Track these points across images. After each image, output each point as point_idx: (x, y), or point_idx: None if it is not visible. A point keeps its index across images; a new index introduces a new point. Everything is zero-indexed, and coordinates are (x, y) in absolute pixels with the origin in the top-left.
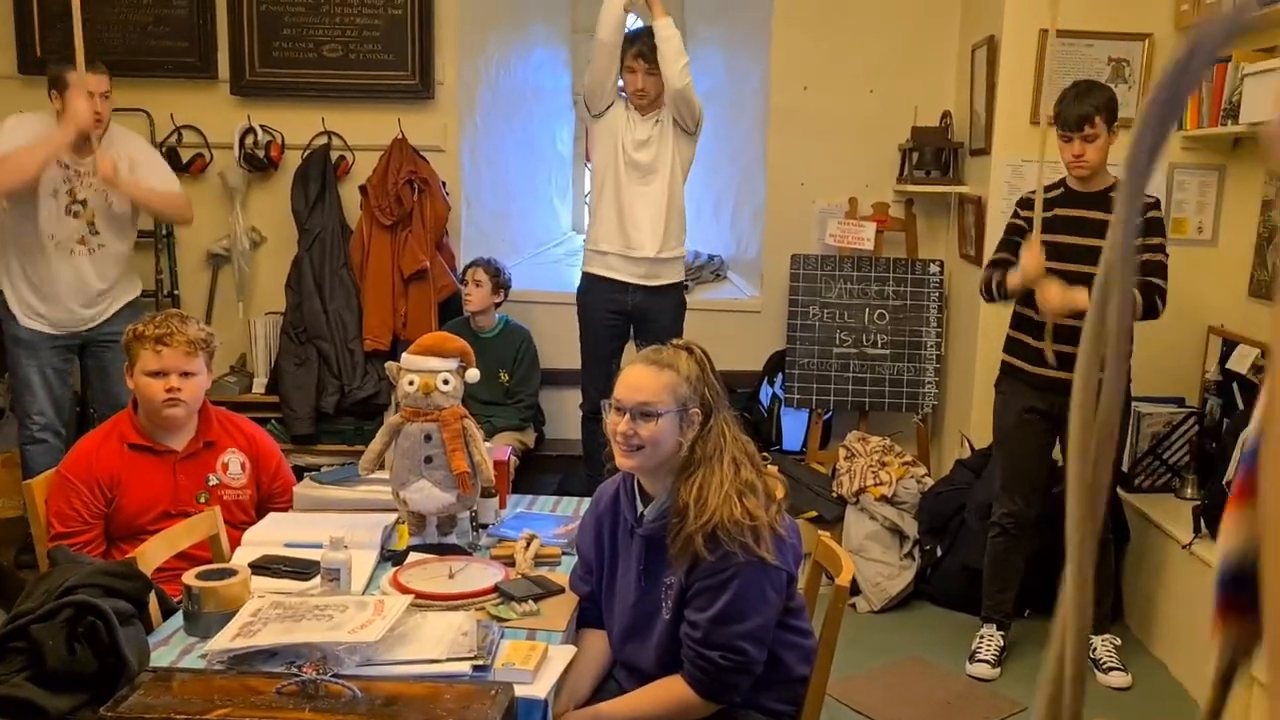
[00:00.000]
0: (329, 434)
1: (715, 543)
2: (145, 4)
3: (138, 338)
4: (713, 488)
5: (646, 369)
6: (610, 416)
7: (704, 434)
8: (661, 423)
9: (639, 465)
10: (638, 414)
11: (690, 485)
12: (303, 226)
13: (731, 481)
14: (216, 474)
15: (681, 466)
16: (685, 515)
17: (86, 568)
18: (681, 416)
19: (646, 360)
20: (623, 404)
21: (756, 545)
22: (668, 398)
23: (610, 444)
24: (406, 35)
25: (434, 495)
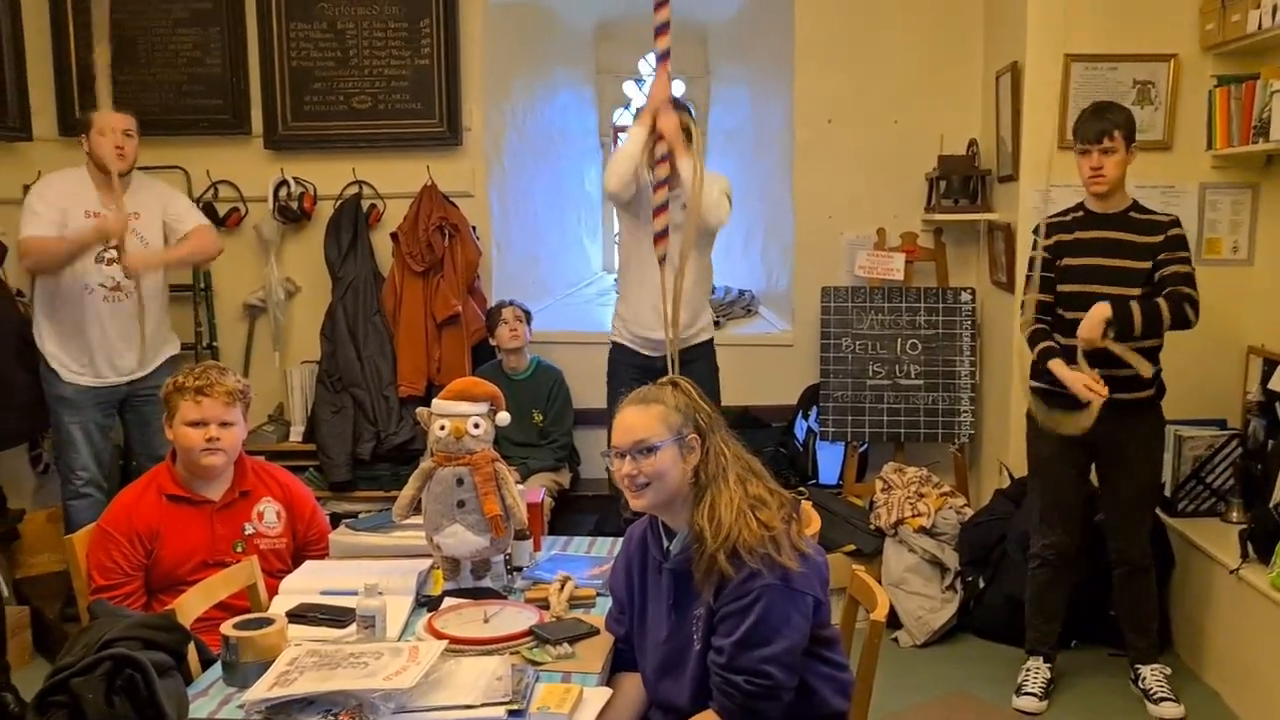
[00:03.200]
0: (366, 480)
1: (737, 560)
2: (180, 64)
3: (178, 389)
4: (724, 505)
5: (634, 409)
6: (613, 464)
7: (705, 457)
8: (661, 455)
9: (651, 502)
10: (636, 453)
11: (702, 509)
12: (336, 275)
13: (741, 497)
14: (252, 523)
15: (693, 494)
16: (704, 537)
17: (125, 620)
18: (680, 444)
19: (633, 402)
20: (620, 448)
21: (778, 555)
22: (661, 429)
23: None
24: (433, 84)
25: (467, 539)
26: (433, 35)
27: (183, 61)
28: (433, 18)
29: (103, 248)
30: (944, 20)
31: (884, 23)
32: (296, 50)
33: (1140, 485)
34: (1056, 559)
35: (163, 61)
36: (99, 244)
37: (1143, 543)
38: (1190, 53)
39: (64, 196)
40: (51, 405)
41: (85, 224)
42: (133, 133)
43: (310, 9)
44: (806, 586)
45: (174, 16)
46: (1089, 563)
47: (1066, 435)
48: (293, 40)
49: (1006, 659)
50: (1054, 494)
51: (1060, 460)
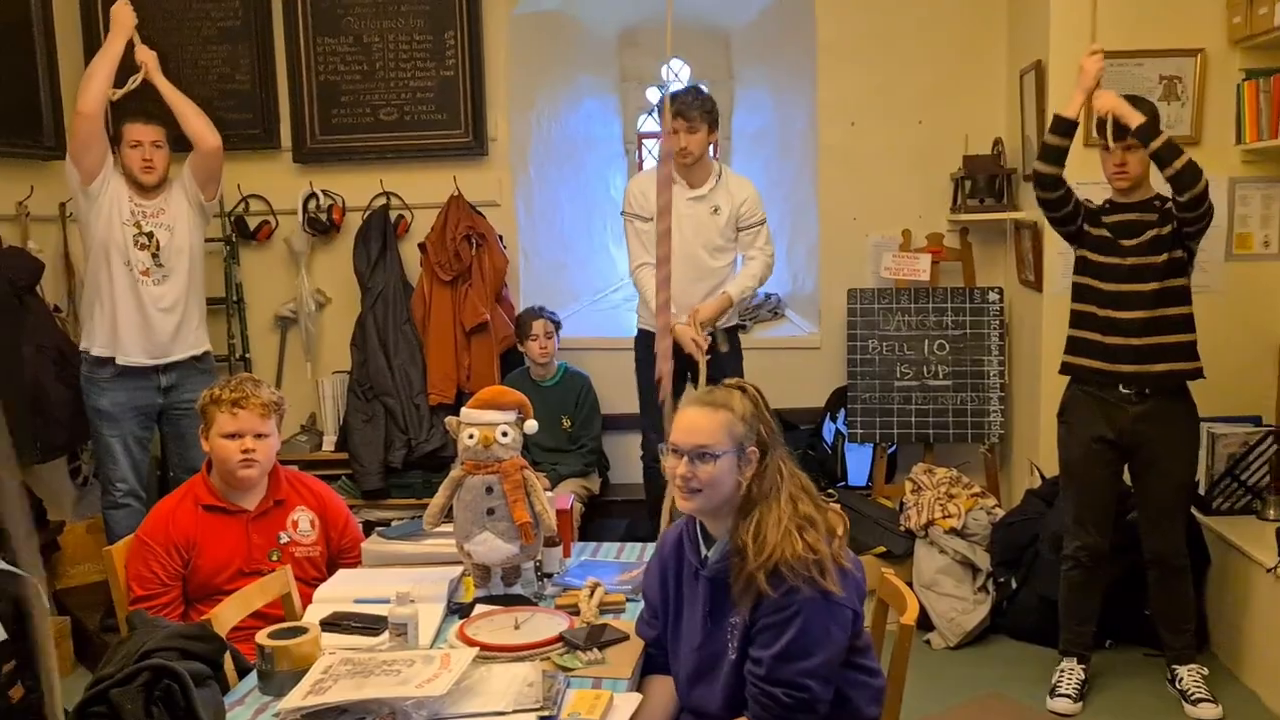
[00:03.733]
0: (398, 488)
1: (778, 579)
2: (210, 80)
3: (214, 401)
4: (771, 524)
5: (701, 410)
6: (668, 460)
7: (761, 471)
8: (720, 464)
9: (698, 507)
10: (695, 456)
11: (750, 524)
12: (365, 286)
13: (791, 517)
14: (287, 532)
15: (740, 506)
16: (746, 554)
17: (163, 631)
18: (739, 456)
19: (700, 402)
20: (679, 447)
21: (821, 579)
22: (724, 438)
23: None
24: (459, 95)
25: (497, 547)
26: (457, 46)
27: (213, 78)
28: (457, 29)
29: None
30: (967, 19)
31: (906, 23)
32: (324, 64)
33: (1174, 484)
34: (1090, 559)
35: (193, 78)
36: (122, 39)
37: (1178, 542)
38: (1217, 47)
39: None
40: (91, 418)
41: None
42: (162, 144)
43: (337, 24)
44: (846, 600)
45: (204, 34)
46: (1123, 561)
47: (1098, 435)
48: (320, 55)
49: (1040, 660)
50: (1086, 494)
51: (1092, 460)
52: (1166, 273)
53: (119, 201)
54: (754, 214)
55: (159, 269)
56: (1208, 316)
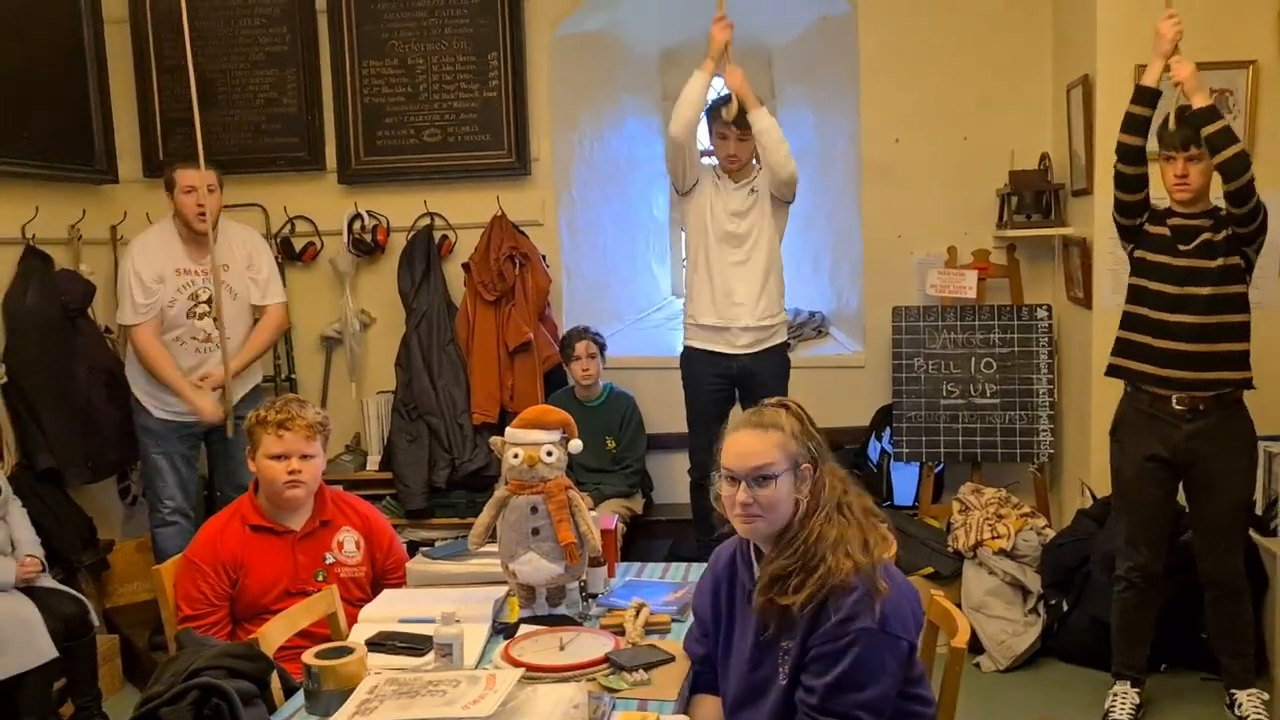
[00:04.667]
0: (442, 508)
1: (833, 601)
2: (258, 104)
3: (260, 423)
4: (819, 539)
5: (752, 433)
6: (724, 488)
7: (816, 487)
8: (779, 484)
9: (762, 533)
10: (754, 480)
11: (801, 541)
12: (410, 306)
13: (844, 528)
14: (333, 552)
15: (798, 523)
16: (800, 575)
17: (211, 650)
18: (795, 473)
19: (749, 424)
20: (736, 473)
21: (874, 601)
22: (780, 457)
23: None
24: (502, 116)
25: (542, 567)
26: (500, 68)
27: (260, 102)
28: (500, 51)
29: (194, 304)
30: (1011, 35)
31: (950, 39)
32: (369, 87)
33: (1230, 504)
34: (1143, 581)
35: (242, 103)
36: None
37: (1235, 564)
38: (1269, 58)
39: (156, 263)
40: (139, 437)
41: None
42: (214, 188)
43: (382, 47)
44: (902, 631)
45: (251, 59)
46: (1178, 582)
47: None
48: (365, 78)
49: (1093, 684)
50: (1139, 514)
51: (1145, 479)
52: (1221, 278)
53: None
54: None
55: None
56: (1264, 332)
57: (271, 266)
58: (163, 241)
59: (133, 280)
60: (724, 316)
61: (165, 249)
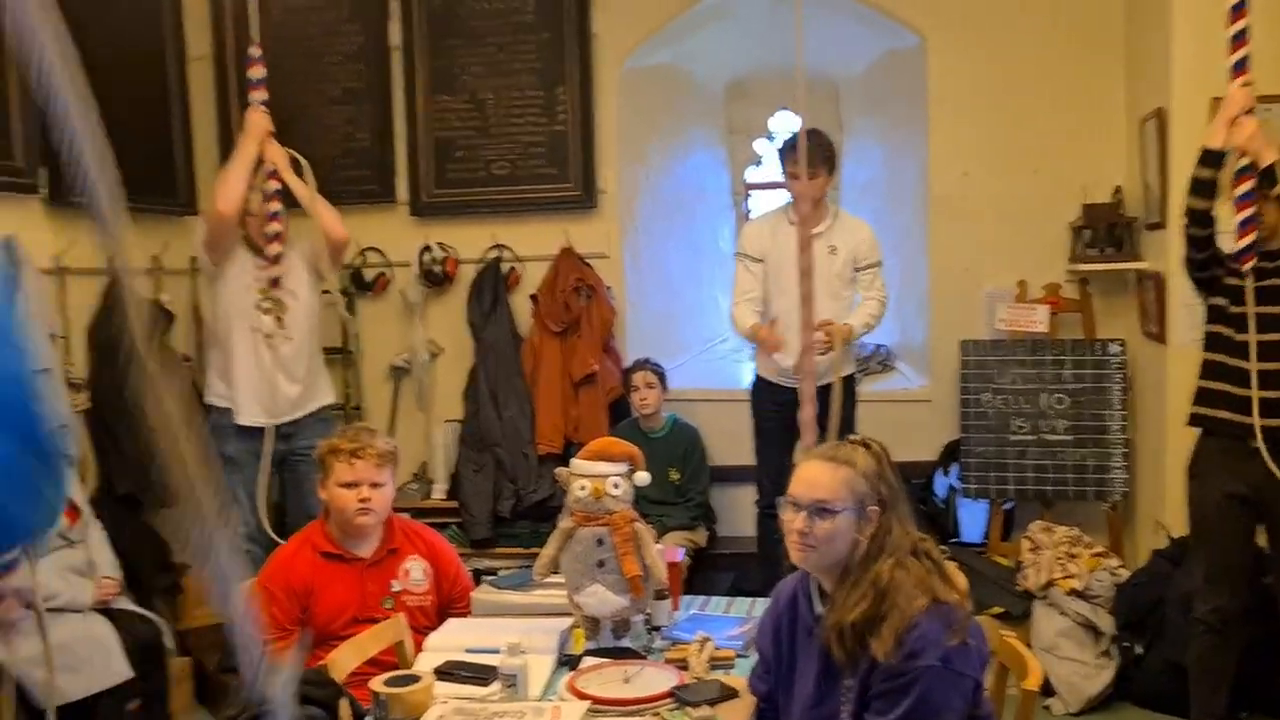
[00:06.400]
0: (506, 537)
1: (897, 643)
2: (333, 139)
3: (332, 451)
4: (890, 584)
5: (823, 465)
6: (785, 513)
7: (881, 531)
8: (838, 521)
9: (814, 565)
10: (814, 511)
11: (865, 585)
12: (478, 337)
13: (908, 578)
14: (400, 581)
15: (859, 564)
16: (862, 614)
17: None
18: (859, 514)
19: (823, 456)
20: (799, 500)
21: (939, 645)
22: (845, 494)
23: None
24: (569, 149)
25: (608, 599)
26: (568, 102)
27: (335, 137)
28: (568, 85)
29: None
30: (1083, 67)
31: (1021, 71)
32: (439, 121)
33: None
34: (1222, 623)
35: (317, 137)
36: (254, 144)
37: None
38: None
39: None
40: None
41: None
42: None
43: (453, 82)
44: (967, 668)
45: (328, 95)
46: (1259, 625)
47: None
48: (436, 112)
49: None
50: (1218, 553)
51: (1224, 519)
52: None
53: (243, 271)
54: (871, 255)
55: (281, 331)
56: None
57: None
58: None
59: None
60: (792, 349)
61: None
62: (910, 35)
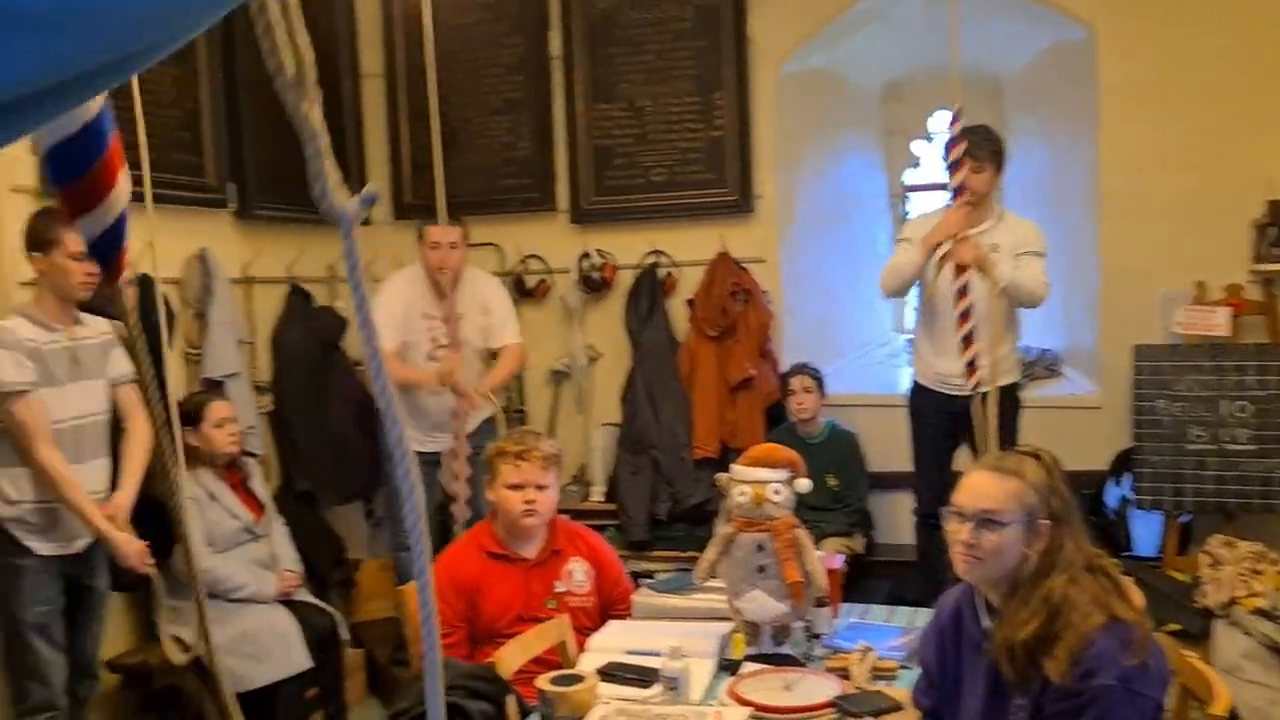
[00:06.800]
0: (663, 540)
1: (1072, 662)
2: (494, 149)
3: (500, 454)
4: (1063, 602)
5: (990, 476)
6: (950, 524)
7: (1052, 545)
8: (1006, 533)
9: (979, 577)
10: (980, 522)
11: (1035, 600)
12: (635, 341)
13: (1082, 595)
14: (563, 581)
15: (1028, 579)
16: (1034, 632)
17: (453, 670)
18: (1028, 527)
19: (990, 467)
20: (964, 511)
21: (1116, 664)
22: (1014, 506)
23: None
24: (726, 154)
25: (768, 605)
26: (726, 107)
27: (497, 147)
28: (725, 91)
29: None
30: (1265, 56)
31: (1198, 60)
32: (598, 130)
33: None
34: None
35: (480, 148)
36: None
37: None
38: None
39: (401, 303)
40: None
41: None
42: (458, 244)
43: (612, 90)
44: (1147, 689)
45: (490, 106)
46: None
47: None
48: (595, 121)
49: None
50: None
51: None
52: None
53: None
54: (1033, 243)
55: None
56: None
57: (508, 309)
58: (412, 285)
59: (381, 313)
60: (949, 364)
61: (414, 293)
62: (1077, 27)
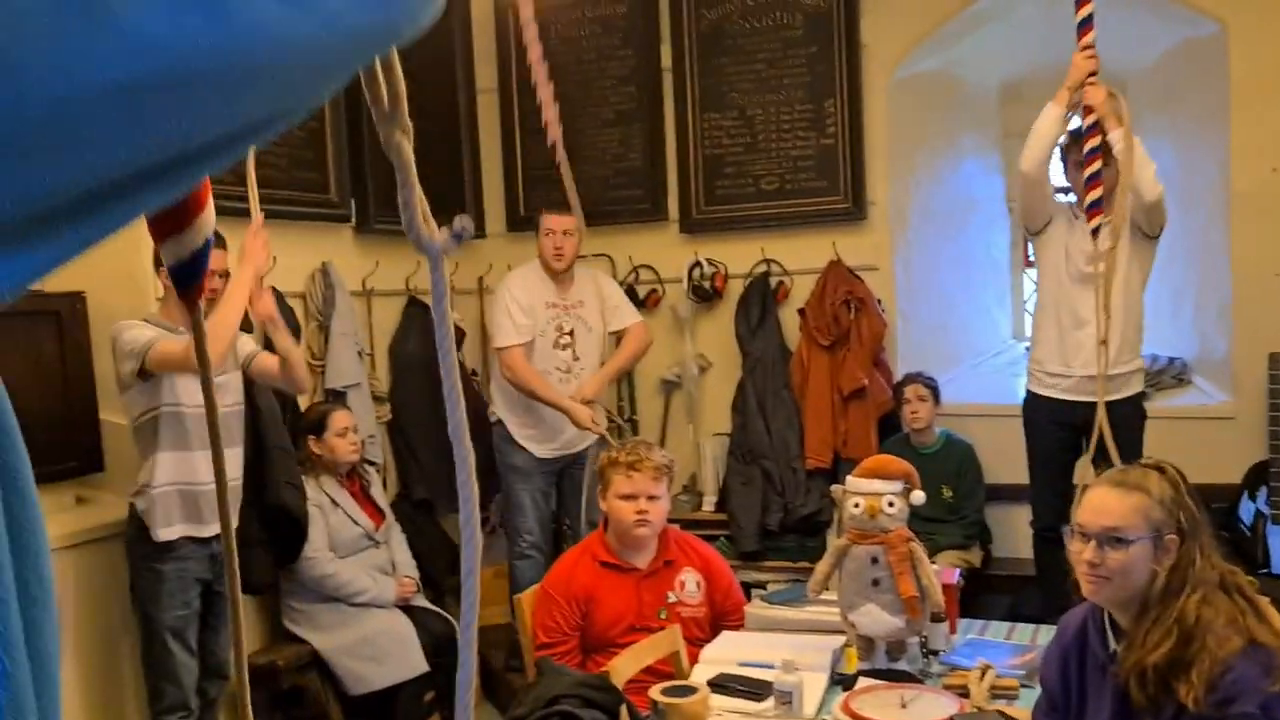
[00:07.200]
0: (774, 551)
1: (1208, 688)
2: (606, 160)
3: (612, 464)
4: (1197, 623)
5: (1113, 491)
6: (1073, 543)
7: (1182, 562)
8: (1133, 550)
9: (1107, 597)
10: (1105, 540)
11: (1166, 621)
12: (745, 350)
13: (1218, 616)
14: (675, 592)
15: (1158, 599)
16: (1160, 655)
17: (568, 679)
18: (1155, 543)
19: (1112, 482)
20: (1087, 529)
21: (1258, 691)
22: (1139, 522)
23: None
24: (838, 161)
25: (882, 619)
26: (837, 114)
27: (608, 158)
28: (837, 97)
29: (559, 335)
30: None
31: None
32: (709, 139)
33: None
34: None
35: (592, 159)
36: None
37: None
38: None
39: (528, 294)
40: (503, 473)
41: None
42: (572, 232)
43: (722, 99)
44: None
45: (602, 118)
46: None
47: None
48: (706, 130)
49: None
50: None
51: None
52: None
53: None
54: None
55: (575, 362)
56: None
57: (621, 294)
58: (533, 277)
59: (510, 305)
60: (1071, 364)
61: (536, 284)
62: (1209, 23)
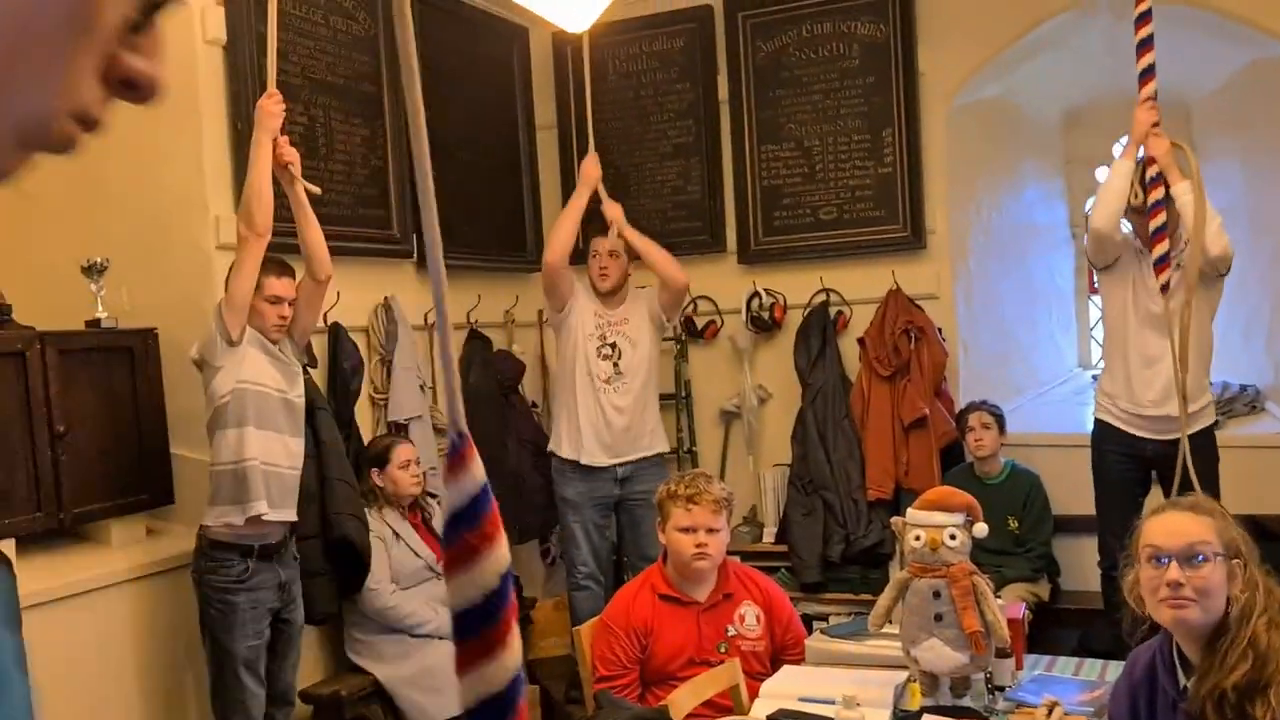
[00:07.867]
0: (835, 582)
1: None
2: (664, 192)
3: (670, 496)
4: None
5: (1182, 514)
6: (1147, 571)
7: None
8: (1214, 568)
9: (1195, 620)
10: (1185, 559)
11: (1243, 644)
12: (805, 381)
13: None
14: (734, 625)
15: (1232, 624)
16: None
17: (626, 712)
18: (1229, 565)
19: (1179, 507)
20: (1165, 550)
21: None
22: (1216, 540)
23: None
24: (896, 190)
25: (946, 655)
26: (895, 143)
27: (667, 190)
28: (895, 126)
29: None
30: None
31: None
32: (767, 170)
33: None
34: None
35: (651, 192)
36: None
37: None
38: None
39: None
40: (558, 505)
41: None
42: (618, 253)
43: (779, 131)
44: None
45: (660, 151)
46: None
47: None
48: (763, 162)
49: None
50: None
51: None
52: None
53: (585, 317)
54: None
55: (619, 378)
56: None
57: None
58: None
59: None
60: (1137, 401)
61: (587, 298)
62: (1276, 44)
